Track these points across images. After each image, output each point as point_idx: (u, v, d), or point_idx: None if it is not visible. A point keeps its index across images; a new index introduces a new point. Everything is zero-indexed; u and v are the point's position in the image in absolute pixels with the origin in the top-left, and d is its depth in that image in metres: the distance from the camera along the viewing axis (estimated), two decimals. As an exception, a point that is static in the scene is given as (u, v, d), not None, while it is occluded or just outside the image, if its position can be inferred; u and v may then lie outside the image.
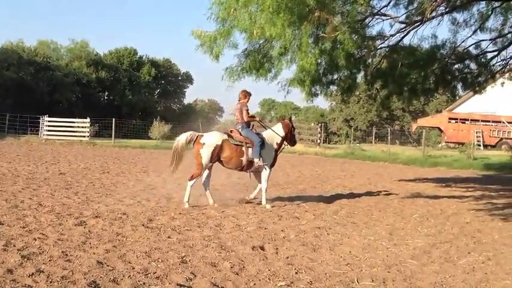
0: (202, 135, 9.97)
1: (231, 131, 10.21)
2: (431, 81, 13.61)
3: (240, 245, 6.60)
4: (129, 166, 17.90)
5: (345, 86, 12.30)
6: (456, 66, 13.88)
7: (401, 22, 11.71)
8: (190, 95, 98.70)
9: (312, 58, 9.26)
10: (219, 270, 5.45)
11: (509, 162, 23.07)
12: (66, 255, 5.69)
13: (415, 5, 11.16)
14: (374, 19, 11.50)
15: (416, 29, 12.00)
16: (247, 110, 10.25)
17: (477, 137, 35.20)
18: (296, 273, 5.50)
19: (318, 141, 34.33)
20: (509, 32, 13.49)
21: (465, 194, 13.33)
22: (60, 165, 16.79)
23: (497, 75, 15.16)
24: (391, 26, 12.12)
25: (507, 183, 16.66)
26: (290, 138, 10.72)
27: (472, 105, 38.58)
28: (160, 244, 6.45)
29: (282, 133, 10.45)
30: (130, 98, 52.60)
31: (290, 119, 11.03)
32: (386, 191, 13.24)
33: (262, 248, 6.54)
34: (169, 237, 6.90)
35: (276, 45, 9.78)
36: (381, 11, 11.46)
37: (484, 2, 12.57)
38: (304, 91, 10.79)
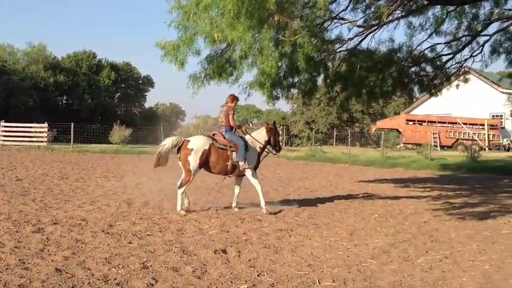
0: (189, 141, 9.72)
1: (214, 134, 10.07)
2: (389, 84, 13.91)
3: (202, 249, 6.58)
4: (89, 171, 17.59)
5: (306, 89, 12.44)
6: (413, 69, 14.24)
7: (359, 26, 11.95)
8: (152, 99, 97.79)
9: (272, 61, 9.32)
10: (180, 274, 5.42)
11: (464, 162, 23.72)
12: (24, 263, 5.56)
13: (373, 9, 11.41)
14: (333, 23, 11.71)
15: (373, 33, 12.30)
16: (233, 114, 10.10)
17: (434, 138, 36.04)
18: (258, 275, 5.52)
19: (280, 143, 34.46)
20: (463, 36, 13.93)
21: (423, 194, 13.65)
22: (17, 171, 16.36)
23: (452, 78, 15.61)
24: (350, 29, 12.37)
25: (463, 183, 17.14)
26: (274, 143, 10.51)
27: (429, 107, 39.66)
28: (120, 250, 6.37)
29: (265, 137, 10.31)
30: (89, 102, 51.79)
31: (274, 124, 10.81)
32: (347, 192, 13.42)
33: (224, 251, 6.54)
34: (130, 242, 6.82)
35: (238, 49, 9.80)
36: (339, 15, 11.68)
37: (439, 6, 12.95)
38: (265, 94, 10.84)
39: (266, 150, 10.50)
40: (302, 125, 56.69)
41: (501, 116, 38.75)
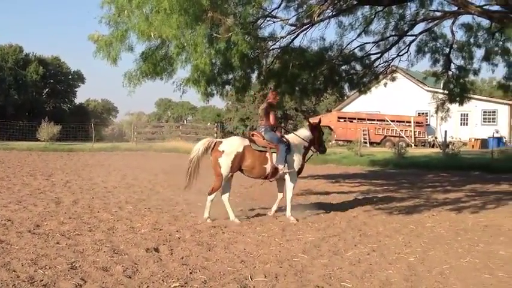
0: (221, 142, 8.92)
1: (253, 135, 9.31)
2: (321, 82, 14.23)
3: (134, 248, 6.48)
4: (15, 169, 16.85)
5: (240, 86, 12.51)
6: (343, 67, 14.63)
7: (291, 24, 12.12)
8: (82, 95, 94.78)
9: (206, 58, 9.28)
10: (110, 274, 5.32)
11: (392, 158, 24.58)
12: None
13: (304, 8, 11.61)
14: (266, 21, 11.81)
15: (305, 31, 12.53)
16: (275, 112, 9.38)
17: (364, 135, 37.15)
18: (191, 273, 5.50)
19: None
20: (390, 35, 14.46)
21: (353, 189, 14.05)
22: None
23: (381, 76, 16.19)
24: (282, 28, 12.53)
25: (390, 178, 17.77)
26: (318, 143, 9.74)
27: (359, 104, 40.82)
28: (48, 250, 6.17)
29: (311, 136, 9.51)
30: (16, 97, 49.62)
31: (319, 122, 9.97)
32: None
33: (156, 250, 6.47)
34: (57, 243, 6.61)
35: (172, 45, 9.69)
36: (272, 13, 11.79)
37: (367, 7, 13.35)
38: (199, 91, 10.77)
39: (311, 150, 9.75)
40: (237, 121, 56.85)
41: (426, 113, 40.44)
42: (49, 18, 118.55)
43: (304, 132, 9.59)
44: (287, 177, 9.20)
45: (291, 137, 9.38)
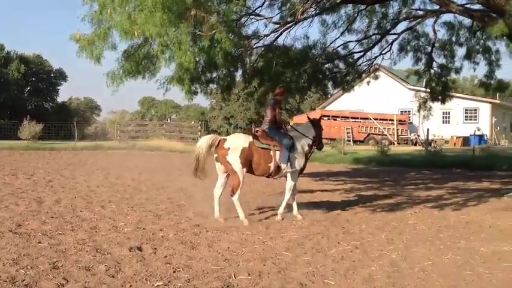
0: (225, 139, 8.68)
1: (257, 131, 9.09)
2: (304, 80, 14.26)
3: (117, 247, 6.44)
4: (-4, 169, 16.64)
5: (224, 84, 12.48)
6: (327, 65, 14.69)
7: (275, 23, 12.15)
8: (65, 93, 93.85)
9: (190, 56, 9.24)
10: (93, 274, 5.28)
11: (375, 156, 24.76)
12: None
13: (288, 6, 11.63)
14: (249, 19, 11.82)
15: (289, 30, 12.56)
16: (280, 108, 9.18)
17: (347, 133, 37.36)
18: (174, 272, 5.49)
19: (199, 139, 34.30)
20: (373, 34, 14.55)
21: (336, 187, 14.12)
22: None
23: (364, 75, 16.29)
24: (266, 26, 12.54)
25: (374, 176, 17.90)
26: (319, 140, 9.48)
27: (343, 103, 41.04)
28: (29, 250, 6.10)
29: (314, 133, 9.31)
30: (-3, 96, 48.91)
31: (320, 118, 9.94)
32: (263, 187, 13.58)
33: (139, 249, 6.44)
34: (39, 242, 6.54)
35: (155, 43, 9.64)
36: (256, 11, 11.80)
37: (351, 5, 13.42)
38: (184, 89, 10.74)
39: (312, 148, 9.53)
40: (221, 120, 56.81)
41: (409, 111, 40.74)
42: (31, 15, 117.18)
43: (308, 130, 9.38)
44: (288, 175, 9.05)
45: (295, 135, 9.16)
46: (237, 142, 8.55)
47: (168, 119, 63.37)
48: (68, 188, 12.17)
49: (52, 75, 62.05)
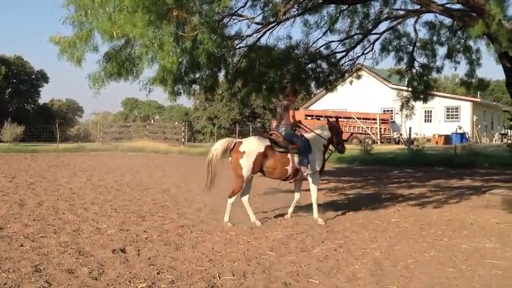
0: (241, 142, 8.52)
1: (271, 135, 8.99)
2: (288, 80, 14.27)
3: (100, 249, 6.40)
4: (-24, 172, 16.40)
5: (207, 85, 12.44)
6: (309, 65, 14.73)
7: (257, 23, 12.14)
8: (46, 95, 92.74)
9: (173, 57, 9.19)
10: (76, 276, 5.24)
11: (358, 155, 24.88)
12: None
13: (270, 6, 11.64)
14: (232, 19, 11.79)
15: (271, 30, 12.58)
16: (294, 110, 9.01)
17: (331, 132, 37.47)
18: (158, 273, 5.47)
19: (183, 140, 34.30)
20: (355, 34, 14.63)
21: (320, 187, 14.06)
22: None
23: (346, 74, 16.37)
24: (249, 26, 12.53)
25: (357, 175, 17.99)
26: (337, 142, 9.39)
27: (326, 102, 41.23)
28: (11, 253, 6.03)
29: (328, 135, 9.22)
30: (-24, 98, 48.24)
31: (337, 120, 9.77)
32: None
33: (123, 251, 6.40)
34: (21, 245, 6.47)
35: (137, 45, 9.58)
36: (238, 12, 11.78)
37: (333, 5, 13.48)
38: (167, 90, 10.70)
39: (329, 149, 9.47)
40: (205, 120, 56.65)
41: (391, 110, 41.15)
42: (11, 17, 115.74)
43: (323, 131, 9.30)
44: (309, 178, 8.94)
45: (309, 136, 9.06)
46: (253, 146, 8.39)
47: (152, 120, 62.92)
48: (50, 190, 12.05)
49: (33, 76, 61.45)
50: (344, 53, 14.92)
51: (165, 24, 8.71)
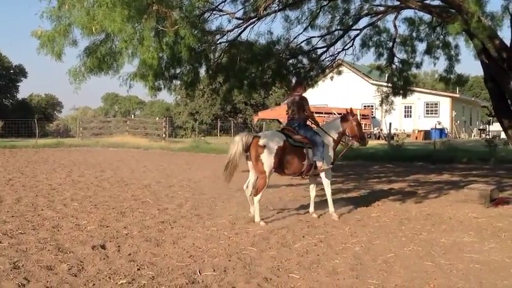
0: (259, 136, 8.28)
1: (284, 129, 8.86)
2: (269, 75, 14.26)
3: (79, 246, 6.36)
4: (-48, 168, 16.14)
5: (188, 80, 12.37)
6: (290, 61, 14.73)
7: (238, 18, 12.10)
8: (25, 90, 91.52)
9: (153, 52, 9.14)
10: (55, 273, 5.20)
11: (339, 150, 25.00)
12: None
13: (251, 1, 11.61)
14: (212, 14, 11.74)
15: (252, 25, 12.54)
16: (309, 104, 8.79)
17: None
18: (138, 269, 5.45)
19: (164, 135, 34.13)
20: (336, 30, 14.66)
21: (302, 182, 14.16)
22: None
23: (327, 70, 16.43)
24: (229, 21, 12.49)
25: (337, 170, 18.01)
26: (353, 135, 9.13)
27: (307, 98, 41.25)
28: (-11, 251, 5.96)
29: (339, 129, 9.01)
30: (-48, 93, 47.38)
31: (351, 111, 9.24)
32: (231, 183, 13.55)
33: (103, 247, 6.37)
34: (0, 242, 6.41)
35: (117, 40, 9.48)
36: (219, 6, 11.74)
37: (313, 1, 13.50)
38: (147, 85, 10.61)
39: (341, 143, 9.35)
40: (186, 116, 56.48)
41: (372, 106, 41.44)
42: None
43: (333, 125, 9.18)
44: (322, 173, 8.83)
45: (320, 131, 8.92)
46: (273, 141, 8.18)
47: (132, 115, 62.47)
48: (29, 186, 11.91)
49: (11, 71, 60.55)
50: (325, 49, 14.95)
51: (145, 19, 8.64)
